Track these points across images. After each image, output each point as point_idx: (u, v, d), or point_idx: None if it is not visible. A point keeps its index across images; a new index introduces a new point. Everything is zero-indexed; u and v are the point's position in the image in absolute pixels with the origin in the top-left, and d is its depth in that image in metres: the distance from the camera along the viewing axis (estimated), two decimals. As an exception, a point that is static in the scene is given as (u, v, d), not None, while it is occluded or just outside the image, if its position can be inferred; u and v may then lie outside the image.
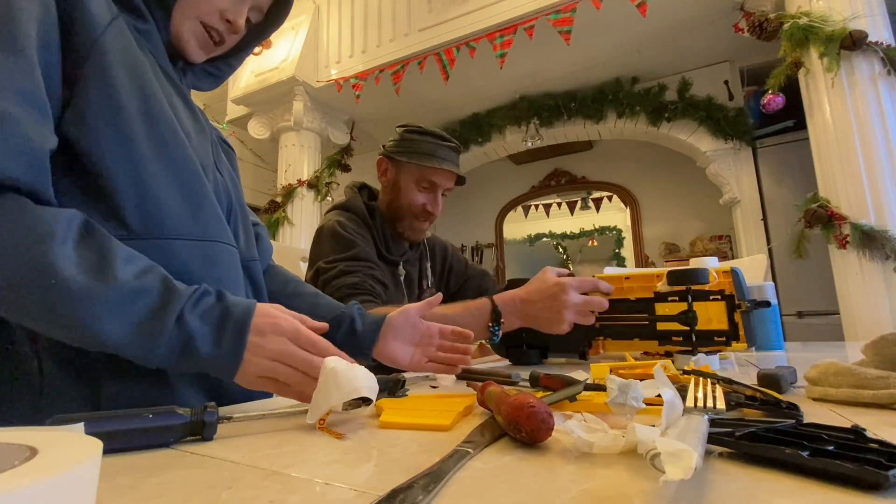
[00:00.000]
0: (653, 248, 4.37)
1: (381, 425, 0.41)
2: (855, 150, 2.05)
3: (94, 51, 0.50)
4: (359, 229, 1.15)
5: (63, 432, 0.20)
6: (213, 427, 0.38)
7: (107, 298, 0.43)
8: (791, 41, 2.22)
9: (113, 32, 0.53)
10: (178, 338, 0.44)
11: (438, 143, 1.18)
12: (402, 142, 1.19)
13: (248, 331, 0.46)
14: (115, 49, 0.52)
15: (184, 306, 0.45)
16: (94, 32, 0.51)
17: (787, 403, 0.39)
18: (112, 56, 0.52)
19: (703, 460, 0.23)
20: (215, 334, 0.46)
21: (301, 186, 3.71)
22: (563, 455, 0.31)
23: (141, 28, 0.59)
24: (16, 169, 0.43)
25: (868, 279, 2.01)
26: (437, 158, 1.16)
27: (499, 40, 2.87)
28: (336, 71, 3.57)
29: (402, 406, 0.48)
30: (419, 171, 1.18)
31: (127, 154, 0.51)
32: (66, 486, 0.14)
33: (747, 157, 3.25)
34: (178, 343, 0.44)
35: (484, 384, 0.44)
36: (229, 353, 0.45)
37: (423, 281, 1.30)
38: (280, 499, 0.25)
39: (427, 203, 1.19)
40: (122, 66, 0.52)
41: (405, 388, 0.59)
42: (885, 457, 0.24)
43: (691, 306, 0.81)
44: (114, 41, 0.52)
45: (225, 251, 0.60)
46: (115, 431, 0.34)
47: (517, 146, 4.00)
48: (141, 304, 0.44)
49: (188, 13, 0.60)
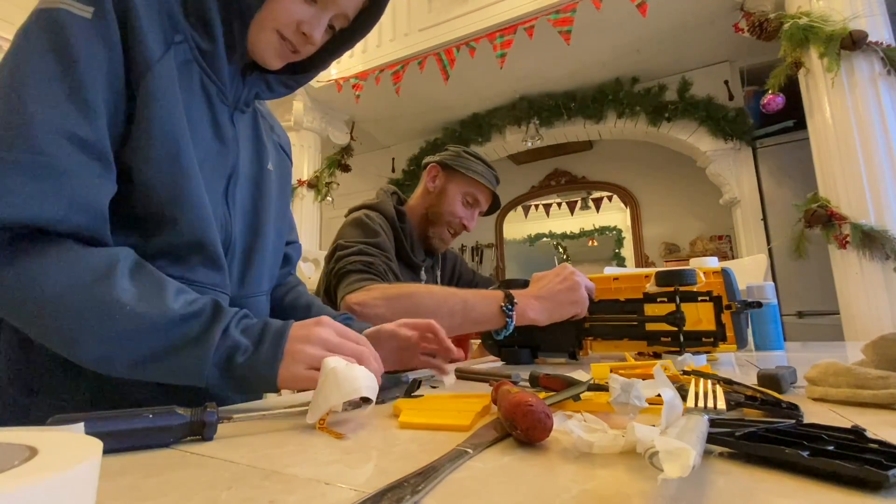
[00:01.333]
0: (653, 248, 4.37)
1: (401, 426, 0.41)
2: (855, 150, 2.05)
3: (143, 86, 0.51)
4: (385, 227, 1.17)
5: (63, 432, 0.20)
6: (213, 427, 0.38)
7: (164, 325, 0.45)
8: (791, 41, 2.22)
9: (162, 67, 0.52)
10: (224, 350, 0.46)
11: (489, 170, 1.30)
12: (459, 158, 1.28)
13: (286, 339, 0.48)
14: (161, 90, 0.52)
15: (229, 322, 0.48)
16: (144, 66, 0.51)
17: (788, 403, 0.39)
18: (157, 98, 0.52)
19: (701, 459, 0.23)
20: (255, 344, 0.48)
21: (301, 186, 3.71)
22: (563, 455, 0.31)
23: (204, 49, 0.57)
24: (78, 219, 0.46)
25: (868, 279, 2.01)
26: (487, 180, 1.27)
27: (499, 40, 2.87)
28: (336, 71, 3.58)
29: (420, 406, 0.48)
30: (468, 185, 1.27)
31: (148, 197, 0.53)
32: (66, 486, 0.14)
33: (747, 157, 3.25)
34: (223, 355, 0.46)
35: (498, 383, 0.44)
36: (268, 358, 0.47)
37: None
38: (280, 499, 0.25)
39: (465, 217, 1.27)
40: (163, 112, 0.52)
41: (420, 388, 0.59)
42: (885, 457, 0.24)
43: (679, 307, 0.81)
44: (160, 79, 0.52)
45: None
46: (114, 431, 0.34)
47: (517, 146, 4.00)
48: (195, 323, 0.46)
49: (266, 24, 0.58)
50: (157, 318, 0.45)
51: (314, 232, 3.80)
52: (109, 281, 0.45)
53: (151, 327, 0.45)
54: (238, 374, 0.46)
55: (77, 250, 0.46)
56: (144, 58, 0.50)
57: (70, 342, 0.45)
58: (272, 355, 0.47)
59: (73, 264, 0.45)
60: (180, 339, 0.45)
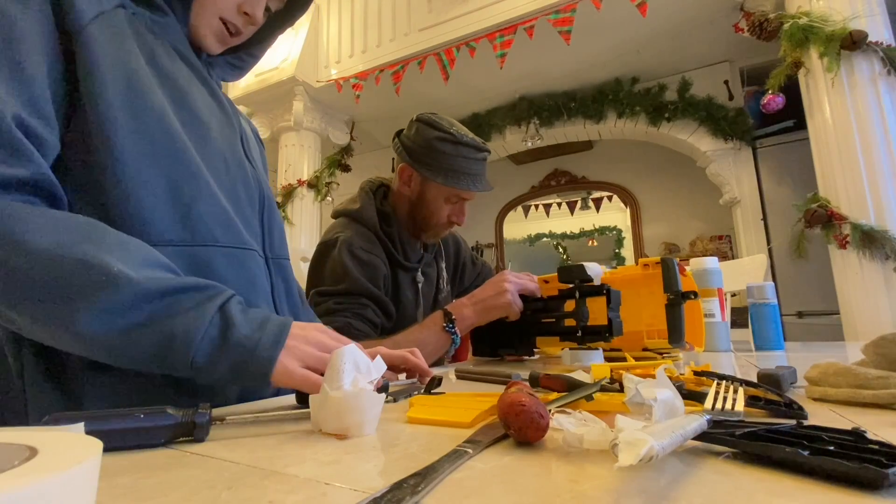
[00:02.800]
0: (653, 248, 4.37)
1: (408, 420, 0.43)
2: (855, 150, 2.05)
3: (78, 45, 0.50)
4: (368, 246, 1.07)
5: (63, 432, 0.20)
6: (204, 428, 0.37)
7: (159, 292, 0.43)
8: (791, 41, 2.22)
9: (98, 26, 0.51)
10: (218, 326, 0.44)
11: (473, 156, 1.07)
12: (433, 153, 1.06)
13: (287, 332, 0.46)
14: (100, 42, 0.51)
15: (229, 299, 0.46)
16: (78, 25, 0.50)
17: (795, 404, 0.39)
18: (95, 49, 0.50)
19: (664, 452, 0.23)
20: (258, 327, 0.45)
21: (301, 186, 3.71)
22: (563, 455, 0.31)
23: (158, 20, 0.58)
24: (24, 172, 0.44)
25: (868, 279, 2.01)
26: (470, 177, 1.07)
27: (499, 40, 2.87)
28: (336, 71, 3.58)
29: (432, 403, 0.49)
30: (449, 190, 1.09)
31: (108, 152, 0.50)
32: (66, 486, 0.14)
33: (747, 157, 3.25)
34: (218, 327, 0.44)
35: (510, 383, 0.44)
36: (269, 343, 0.45)
37: (440, 280, 1.28)
38: (280, 499, 0.25)
39: (453, 215, 1.13)
40: (106, 59, 0.51)
41: (440, 385, 0.59)
42: (885, 456, 0.24)
43: (579, 303, 0.81)
44: (98, 34, 0.51)
45: (219, 255, 0.57)
46: (103, 431, 0.33)
47: (517, 146, 4.00)
48: (193, 293, 0.44)
49: (207, 8, 0.61)
50: (151, 286, 0.43)
51: (314, 232, 3.80)
52: (91, 244, 0.43)
53: (145, 294, 0.42)
54: (233, 355, 0.43)
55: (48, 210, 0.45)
56: (78, 16, 0.50)
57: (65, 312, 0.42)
58: (274, 341, 0.45)
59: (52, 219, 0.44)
60: (175, 305, 0.43)
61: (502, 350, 1.07)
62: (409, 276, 1.17)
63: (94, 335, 0.42)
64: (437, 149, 1.06)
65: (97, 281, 0.42)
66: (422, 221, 1.14)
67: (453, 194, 1.10)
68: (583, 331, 0.81)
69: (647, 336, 0.89)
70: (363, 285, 1.03)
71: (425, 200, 1.11)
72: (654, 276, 0.83)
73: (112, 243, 0.45)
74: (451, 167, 1.06)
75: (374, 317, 1.04)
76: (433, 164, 1.06)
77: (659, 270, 0.83)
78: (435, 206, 1.11)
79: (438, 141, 1.06)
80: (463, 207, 1.14)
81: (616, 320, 0.79)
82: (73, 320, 0.41)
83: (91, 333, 0.42)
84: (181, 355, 0.42)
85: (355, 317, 1.01)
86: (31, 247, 0.41)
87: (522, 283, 0.99)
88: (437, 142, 1.06)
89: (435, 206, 1.11)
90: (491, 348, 1.08)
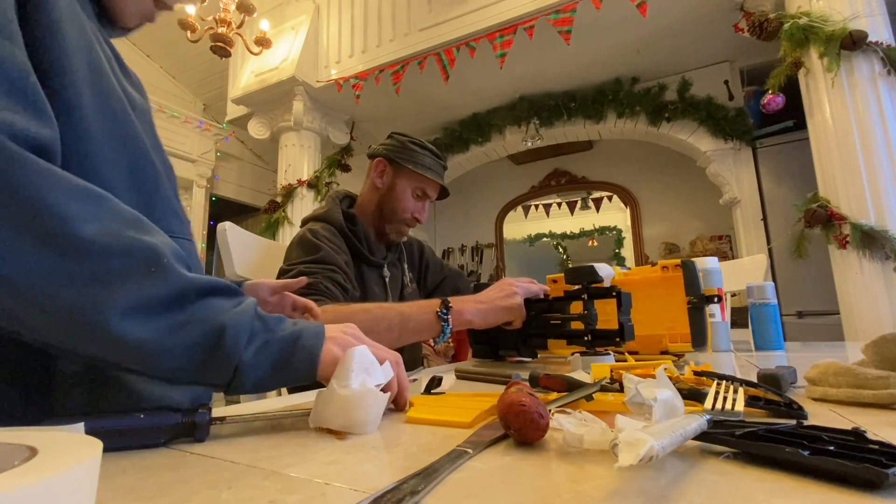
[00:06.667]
0: (653, 248, 4.37)
1: (408, 420, 0.43)
2: (855, 150, 2.05)
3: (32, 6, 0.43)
4: (333, 238, 1.16)
5: (63, 432, 0.20)
6: (204, 428, 0.37)
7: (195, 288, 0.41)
8: (791, 41, 2.22)
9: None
10: (261, 322, 0.43)
11: (436, 160, 1.29)
12: (405, 150, 1.26)
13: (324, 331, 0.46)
14: (58, 7, 0.45)
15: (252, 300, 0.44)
16: None
17: (795, 404, 0.39)
18: (60, 14, 0.45)
19: (664, 452, 0.24)
20: (290, 322, 0.45)
21: (301, 186, 3.71)
22: (562, 455, 0.31)
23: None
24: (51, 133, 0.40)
25: (868, 279, 2.01)
26: (435, 172, 1.27)
27: (499, 40, 2.87)
28: (336, 71, 3.57)
29: (432, 403, 0.49)
30: (417, 180, 1.26)
31: (73, 126, 0.45)
32: (66, 486, 0.14)
33: (747, 157, 3.25)
34: (262, 326, 0.42)
35: (510, 383, 0.44)
36: (312, 333, 0.44)
37: (403, 278, 1.34)
38: (280, 499, 0.25)
39: (416, 211, 1.27)
40: (71, 25, 0.46)
41: (440, 385, 0.59)
42: (886, 456, 0.24)
43: (588, 305, 0.76)
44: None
45: (183, 247, 0.51)
46: (103, 430, 0.33)
47: (517, 146, 4.00)
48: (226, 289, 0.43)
49: None
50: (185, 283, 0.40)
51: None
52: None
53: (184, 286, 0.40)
54: (279, 346, 0.42)
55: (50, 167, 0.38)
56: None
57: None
58: (315, 332, 0.44)
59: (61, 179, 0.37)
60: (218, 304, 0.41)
61: (504, 352, 1.06)
62: (376, 272, 1.25)
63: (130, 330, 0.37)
64: (410, 147, 1.27)
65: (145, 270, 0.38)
66: (388, 213, 1.26)
67: (419, 187, 1.26)
68: (592, 335, 0.77)
69: (670, 339, 0.85)
70: (332, 257, 1.10)
71: (395, 192, 1.26)
72: (674, 279, 0.79)
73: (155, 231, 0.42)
74: (420, 162, 1.25)
75: (344, 282, 1.07)
76: (406, 157, 1.25)
77: (679, 273, 0.80)
78: (403, 198, 1.25)
79: (410, 142, 1.28)
80: (426, 206, 1.29)
81: (627, 324, 0.75)
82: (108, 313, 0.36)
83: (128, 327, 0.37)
84: (231, 351, 0.39)
85: (326, 279, 1.04)
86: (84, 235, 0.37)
87: (528, 288, 0.99)
88: (409, 143, 1.28)
89: (402, 197, 1.25)
90: (492, 349, 1.07)
